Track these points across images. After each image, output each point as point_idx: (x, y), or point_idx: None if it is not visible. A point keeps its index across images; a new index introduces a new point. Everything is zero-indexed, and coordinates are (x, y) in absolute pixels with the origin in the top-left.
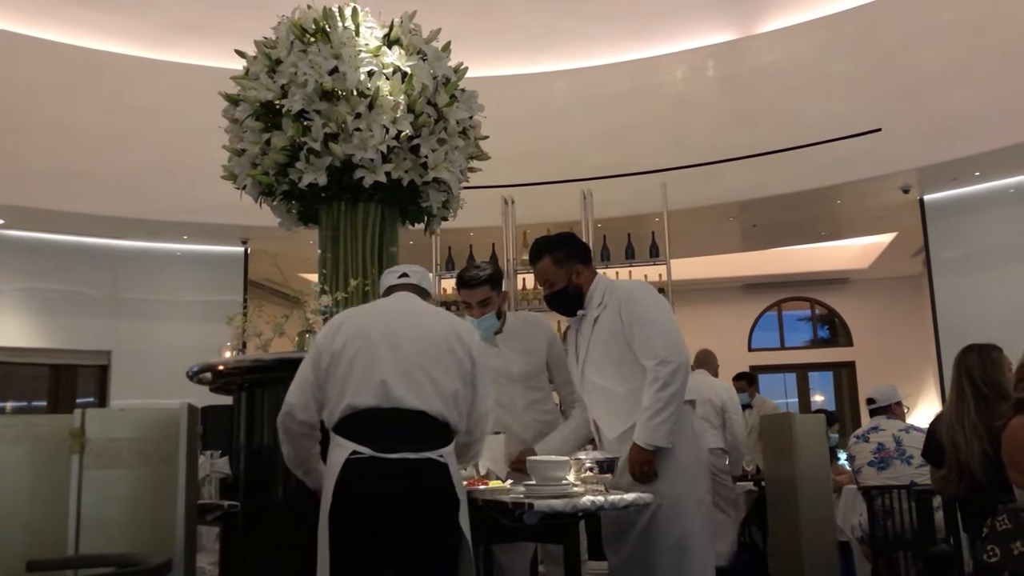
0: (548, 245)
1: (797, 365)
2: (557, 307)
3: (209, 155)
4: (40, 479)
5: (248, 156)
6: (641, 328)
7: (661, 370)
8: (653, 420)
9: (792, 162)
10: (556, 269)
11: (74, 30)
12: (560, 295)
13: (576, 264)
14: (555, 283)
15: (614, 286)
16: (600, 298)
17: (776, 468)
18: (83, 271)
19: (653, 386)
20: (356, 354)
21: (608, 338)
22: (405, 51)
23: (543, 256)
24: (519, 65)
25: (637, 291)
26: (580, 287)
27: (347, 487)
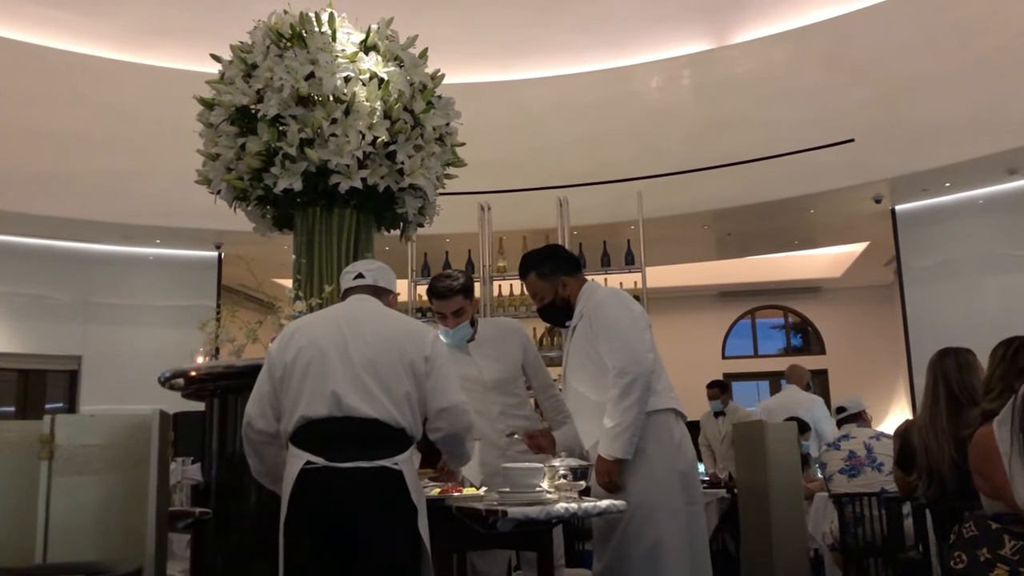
0: (533, 261)
1: (770, 373)
2: (549, 319)
3: (183, 159)
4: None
5: (223, 160)
6: (606, 338)
7: (619, 381)
8: (612, 431)
9: (765, 171)
10: (542, 283)
11: (44, 31)
12: (549, 308)
13: (562, 276)
14: (543, 297)
15: (591, 294)
16: (581, 310)
17: (748, 475)
18: (53, 275)
19: (611, 398)
20: (308, 364)
21: (583, 348)
22: (382, 57)
23: (529, 272)
24: (496, 72)
25: (606, 299)
26: (568, 299)
27: (302, 497)
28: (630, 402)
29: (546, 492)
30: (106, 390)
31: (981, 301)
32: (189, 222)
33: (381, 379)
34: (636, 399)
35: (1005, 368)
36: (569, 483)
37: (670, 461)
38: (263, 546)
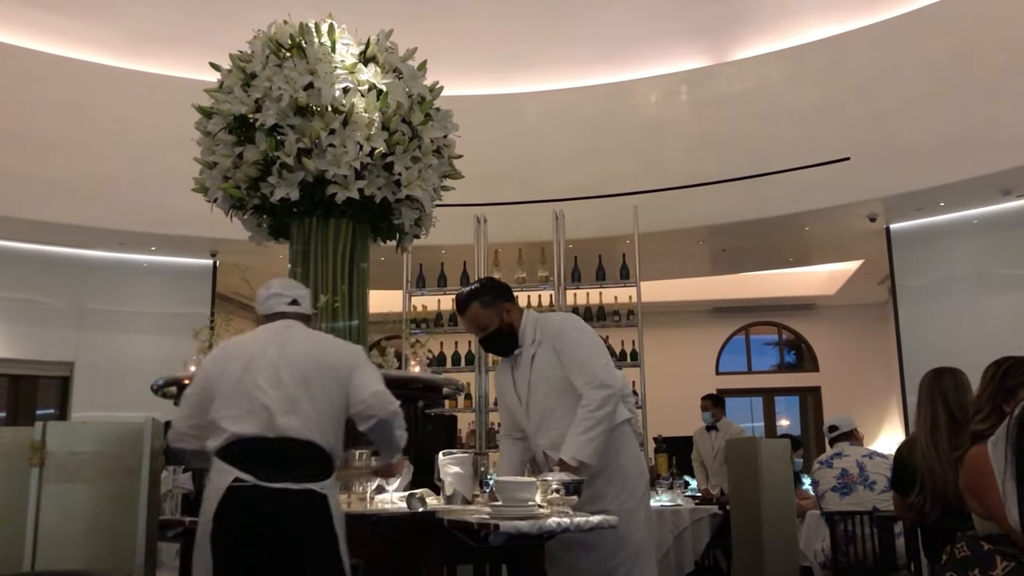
0: (472, 293)
1: (764, 389)
2: (493, 348)
3: (180, 166)
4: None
5: (220, 169)
6: (575, 356)
7: (597, 393)
8: (583, 436)
9: (761, 188)
10: (486, 312)
11: (42, 36)
12: (494, 336)
13: (503, 303)
14: (488, 325)
15: (544, 321)
16: (533, 335)
17: (741, 492)
18: (46, 280)
19: (587, 407)
20: (239, 382)
21: (549, 373)
22: (381, 69)
23: (470, 303)
24: (494, 85)
25: (568, 324)
26: (512, 325)
27: (228, 514)
28: (605, 413)
29: (538, 506)
30: (98, 397)
31: (975, 321)
32: (185, 230)
33: (313, 400)
34: (609, 412)
35: (994, 389)
36: (562, 497)
37: (638, 469)
38: None
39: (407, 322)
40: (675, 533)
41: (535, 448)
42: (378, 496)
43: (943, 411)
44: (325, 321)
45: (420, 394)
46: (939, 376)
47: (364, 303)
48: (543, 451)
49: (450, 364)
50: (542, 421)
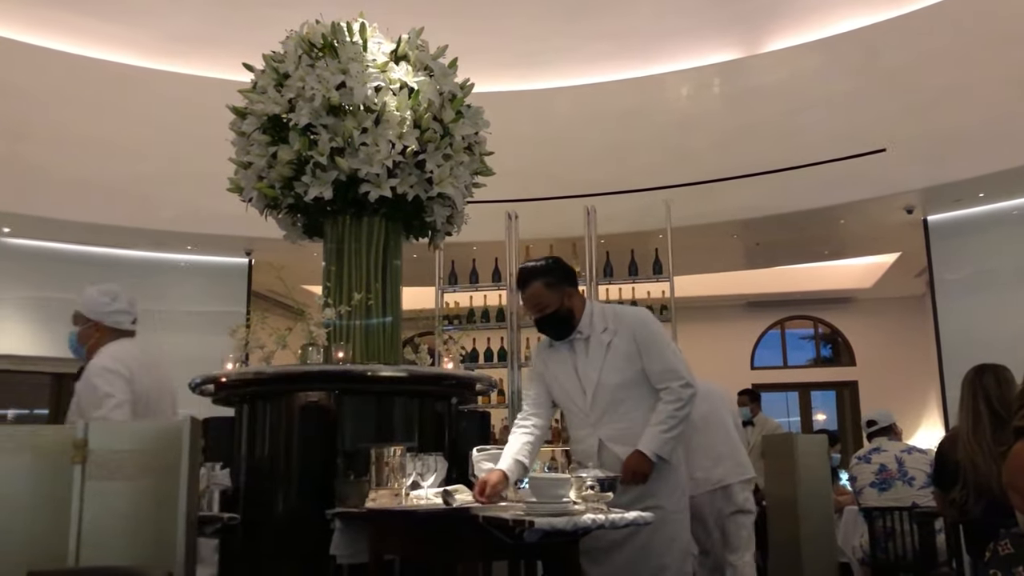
0: (538, 270)
1: (799, 384)
2: (549, 329)
3: (215, 166)
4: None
5: (254, 169)
6: (662, 352)
7: (684, 391)
8: (666, 433)
9: (795, 181)
10: (548, 293)
11: (80, 40)
12: (552, 318)
13: (567, 287)
14: (546, 307)
15: (619, 312)
16: (604, 323)
17: (777, 488)
18: (86, 280)
19: (673, 404)
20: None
21: (624, 363)
22: (412, 67)
23: (534, 281)
24: (524, 81)
25: (649, 319)
26: (572, 311)
27: None
28: (685, 413)
29: (573, 503)
30: None
31: (1016, 314)
32: (221, 229)
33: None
34: (688, 412)
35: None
36: (596, 494)
37: (684, 471)
38: (289, 549)
39: (439, 319)
40: None
41: (586, 437)
42: (413, 492)
43: (985, 408)
44: (359, 318)
45: (453, 391)
46: (981, 373)
47: (397, 300)
48: (599, 440)
49: (483, 360)
50: (607, 411)
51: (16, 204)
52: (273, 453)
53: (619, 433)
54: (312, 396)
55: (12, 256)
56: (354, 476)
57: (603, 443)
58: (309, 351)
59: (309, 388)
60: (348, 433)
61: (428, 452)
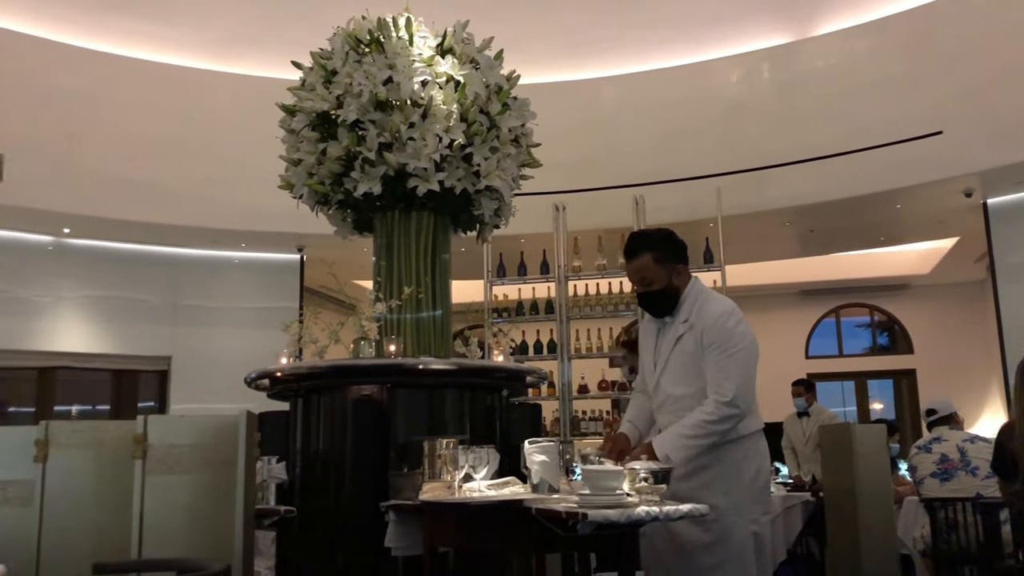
0: (650, 242)
1: (855, 373)
2: (650, 306)
3: (267, 165)
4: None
5: (304, 166)
6: (718, 361)
7: (724, 410)
8: (687, 439)
9: (850, 166)
10: (656, 268)
11: (135, 43)
12: (657, 295)
13: (677, 264)
14: (653, 282)
15: (703, 305)
16: (687, 313)
17: (835, 479)
18: (144, 278)
19: (708, 416)
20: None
21: (687, 361)
22: (458, 60)
23: (644, 252)
24: (571, 71)
25: (727, 320)
26: (678, 289)
27: None
28: (719, 430)
29: (627, 495)
30: (194, 389)
31: None
32: (273, 226)
33: None
34: (723, 431)
35: None
36: (650, 486)
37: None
38: (345, 541)
39: (488, 311)
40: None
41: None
42: (466, 485)
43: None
44: (409, 312)
45: (504, 383)
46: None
47: (447, 294)
48: (658, 428)
49: (532, 352)
50: (665, 403)
51: (76, 205)
52: (327, 446)
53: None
54: (365, 390)
55: (73, 256)
56: (407, 468)
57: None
58: (361, 345)
59: (362, 382)
60: (400, 426)
61: (480, 444)
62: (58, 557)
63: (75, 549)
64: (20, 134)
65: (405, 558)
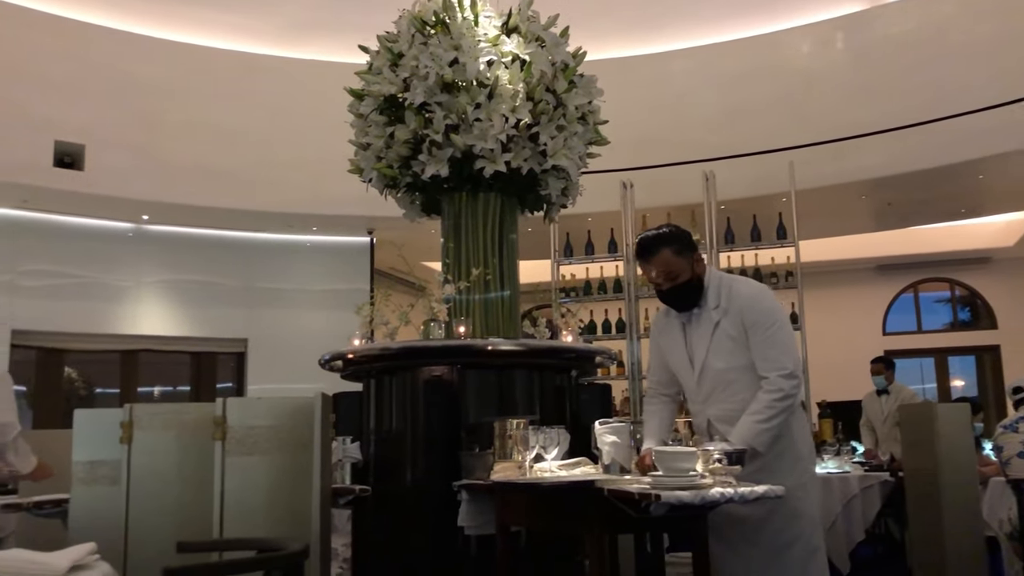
0: (665, 237)
1: (935, 349)
2: (678, 301)
3: (337, 149)
4: (187, 464)
5: (373, 150)
6: (768, 339)
7: (786, 383)
8: (762, 424)
9: (930, 136)
10: (679, 260)
11: (206, 32)
12: (684, 288)
13: (693, 253)
14: (679, 275)
15: (734, 288)
16: (716, 299)
17: (916, 459)
18: (220, 263)
19: (773, 394)
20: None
21: (732, 347)
22: (523, 38)
23: (662, 248)
24: (638, 46)
25: (764, 301)
26: (700, 277)
27: None
28: (787, 404)
29: (700, 476)
30: (270, 371)
31: None
32: (343, 209)
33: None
34: (790, 404)
35: None
36: (724, 467)
37: (809, 442)
38: (419, 519)
39: (556, 291)
40: (843, 501)
41: (697, 414)
42: (537, 465)
43: None
44: (478, 293)
45: (573, 363)
46: None
47: (514, 274)
48: (707, 419)
49: (600, 332)
50: (714, 392)
51: (153, 192)
52: (400, 426)
53: (727, 414)
54: (435, 371)
55: (152, 242)
56: (478, 448)
57: (711, 423)
58: (431, 326)
59: (432, 363)
60: (471, 406)
61: (550, 425)
62: (144, 535)
63: (159, 527)
64: (101, 125)
65: (478, 537)
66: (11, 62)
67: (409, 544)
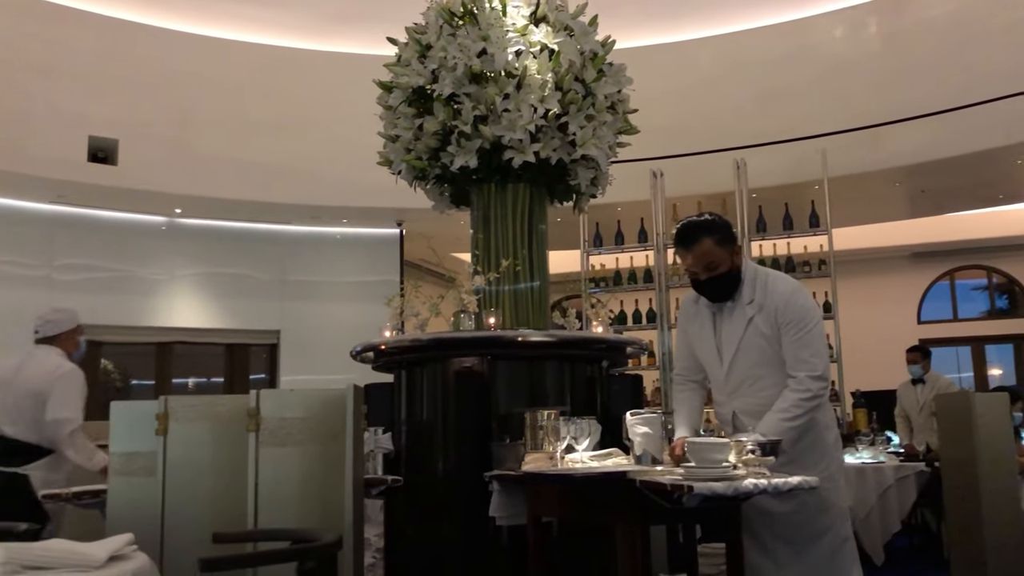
0: (707, 225)
1: (972, 338)
2: (714, 292)
3: (366, 141)
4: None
5: (402, 142)
6: (801, 340)
7: (815, 384)
8: (787, 422)
9: (965, 121)
10: (720, 250)
11: (238, 26)
12: (722, 279)
13: (734, 244)
14: (718, 265)
15: (769, 284)
16: (752, 293)
17: (953, 449)
18: (252, 255)
19: (801, 394)
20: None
21: (763, 344)
22: (552, 28)
23: (704, 237)
24: (668, 33)
25: (798, 299)
26: (739, 269)
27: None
28: (815, 405)
29: (733, 467)
30: (302, 362)
31: None
32: (372, 201)
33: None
34: (817, 405)
35: None
36: (757, 458)
37: (835, 432)
38: (450, 510)
39: (586, 281)
40: (878, 492)
41: (722, 404)
42: (568, 456)
43: None
44: (508, 284)
45: (603, 354)
46: None
47: (544, 265)
48: (733, 411)
49: (631, 322)
50: (741, 386)
51: (186, 186)
52: (431, 417)
53: (753, 407)
54: (466, 362)
55: (185, 235)
56: (509, 439)
57: (736, 415)
58: (461, 318)
59: (463, 354)
60: (501, 397)
61: (580, 416)
62: (179, 525)
63: (194, 518)
64: (133, 119)
65: (510, 527)
66: (45, 58)
67: (440, 534)
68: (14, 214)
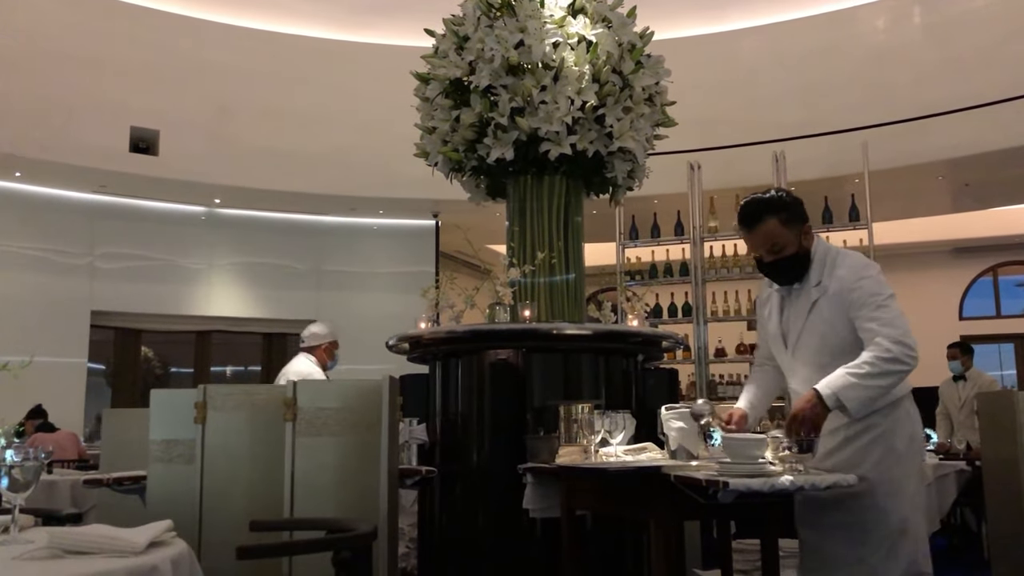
0: (773, 204)
1: (1016, 335)
2: (780, 275)
3: (403, 132)
4: (258, 444)
5: (439, 133)
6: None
7: (895, 346)
8: (859, 379)
9: (1010, 114)
10: (785, 231)
11: (276, 17)
12: (788, 262)
13: (803, 224)
14: (785, 247)
15: (839, 264)
16: (819, 275)
17: (995, 448)
18: (290, 246)
19: (880, 354)
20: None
21: (827, 331)
22: (590, 19)
23: (769, 216)
24: (705, 24)
25: (864, 273)
26: (808, 250)
27: None
28: (894, 369)
29: (769, 464)
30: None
31: None
32: (409, 193)
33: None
34: (899, 372)
35: None
36: (795, 455)
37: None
38: (483, 500)
39: (621, 274)
40: None
41: (794, 393)
42: (602, 449)
43: None
44: (543, 277)
45: (639, 348)
46: None
47: (580, 257)
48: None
49: (667, 316)
50: (807, 373)
51: (225, 176)
52: (466, 409)
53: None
54: (501, 354)
55: (224, 225)
56: (543, 432)
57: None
58: (496, 310)
59: (498, 346)
60: (536, 390)
61: (615, 409)
62: (217, 513)
63: (232, 505)
64: (174, 110)
65: (543, 519)
66: (88, 50)
67: (475, 525)
68: (58, 203)
